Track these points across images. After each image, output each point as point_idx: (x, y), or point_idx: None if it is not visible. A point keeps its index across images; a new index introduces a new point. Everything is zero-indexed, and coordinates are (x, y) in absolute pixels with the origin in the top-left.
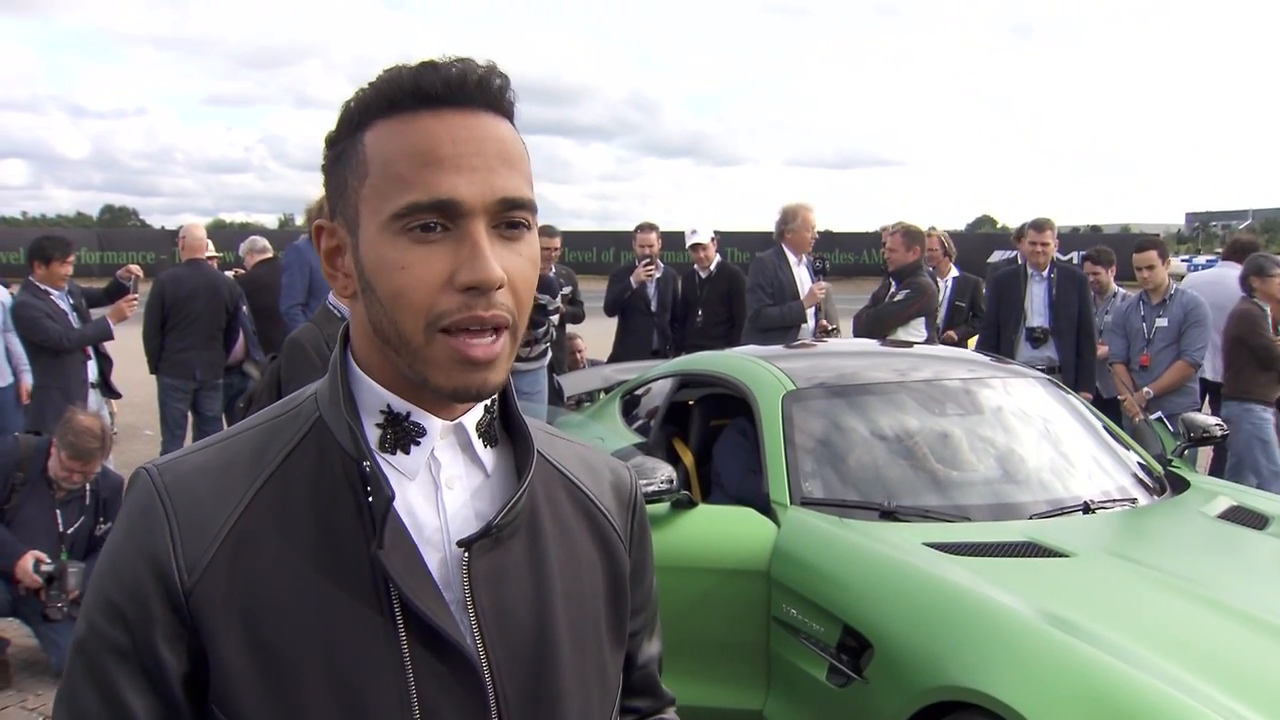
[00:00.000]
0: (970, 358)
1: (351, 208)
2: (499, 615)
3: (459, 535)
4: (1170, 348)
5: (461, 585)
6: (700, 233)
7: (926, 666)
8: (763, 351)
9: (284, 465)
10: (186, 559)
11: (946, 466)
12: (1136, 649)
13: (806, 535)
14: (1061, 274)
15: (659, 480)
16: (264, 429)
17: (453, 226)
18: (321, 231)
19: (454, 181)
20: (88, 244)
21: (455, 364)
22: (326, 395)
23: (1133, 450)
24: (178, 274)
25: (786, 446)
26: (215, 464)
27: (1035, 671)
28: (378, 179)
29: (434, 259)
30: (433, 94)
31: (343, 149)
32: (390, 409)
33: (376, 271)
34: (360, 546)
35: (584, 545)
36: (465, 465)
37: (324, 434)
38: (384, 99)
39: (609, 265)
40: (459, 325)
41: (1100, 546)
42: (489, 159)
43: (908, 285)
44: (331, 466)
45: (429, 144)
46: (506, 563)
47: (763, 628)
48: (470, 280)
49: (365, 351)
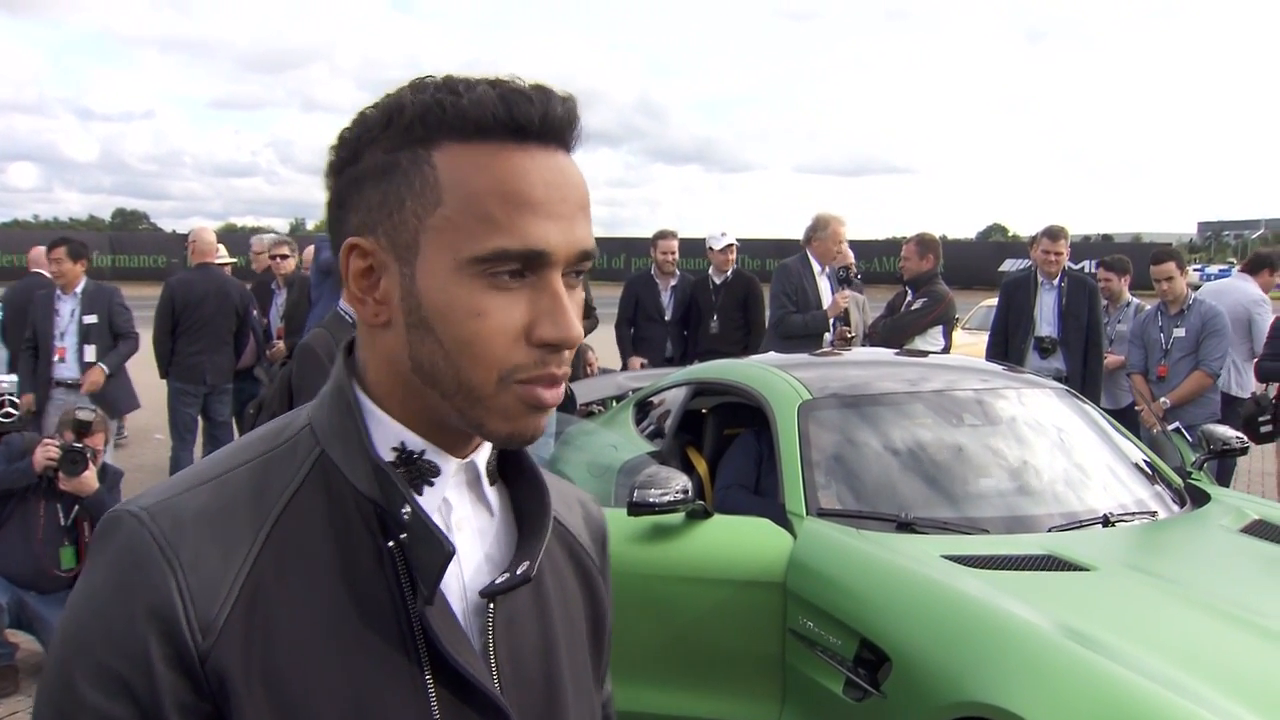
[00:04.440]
0: (987, 368)
1: (408, 233)
2: (514, 664)
3: (472, 579)
4: (1188, 358)
5: (484, 635)
6: (728, 237)
7: (946, 681)
8: (779, 360)
9: (290, 508)
10: (200, 618)
11: (964, 478)
12: (1159, 665)
13: (823, 547)
14: (1072, 283)
15: (674, 490)
16: (259, 464)
17: (531, 274)
18: (355, 249)
19: (545, 229)
20: (100, 248)
21: (523, 409)
22: (330, 428)
23: (1152, 462)
24: (187, 278)
25: (803, 457)
26: (215, 507)
27: (1056, 687)
28: (458, 213)
29: (513, 309)
30: (527, 128)
31: (393, 161)
32: (404, 446)
33: (444, 313)
34: (383, 594)
35: (571, 585)
36: (473, 505)
37: (330, 472)
38: (467, 121)
39: (619, 272)
40: (533, 380)
41: (1120, 560)
42: (573, 207)
43: (925, 294)
44: (344, 509)
45: (523, 186)
46: (516, 609)
47: (778, 640)
48: (554, 337)
49: (385, 385)
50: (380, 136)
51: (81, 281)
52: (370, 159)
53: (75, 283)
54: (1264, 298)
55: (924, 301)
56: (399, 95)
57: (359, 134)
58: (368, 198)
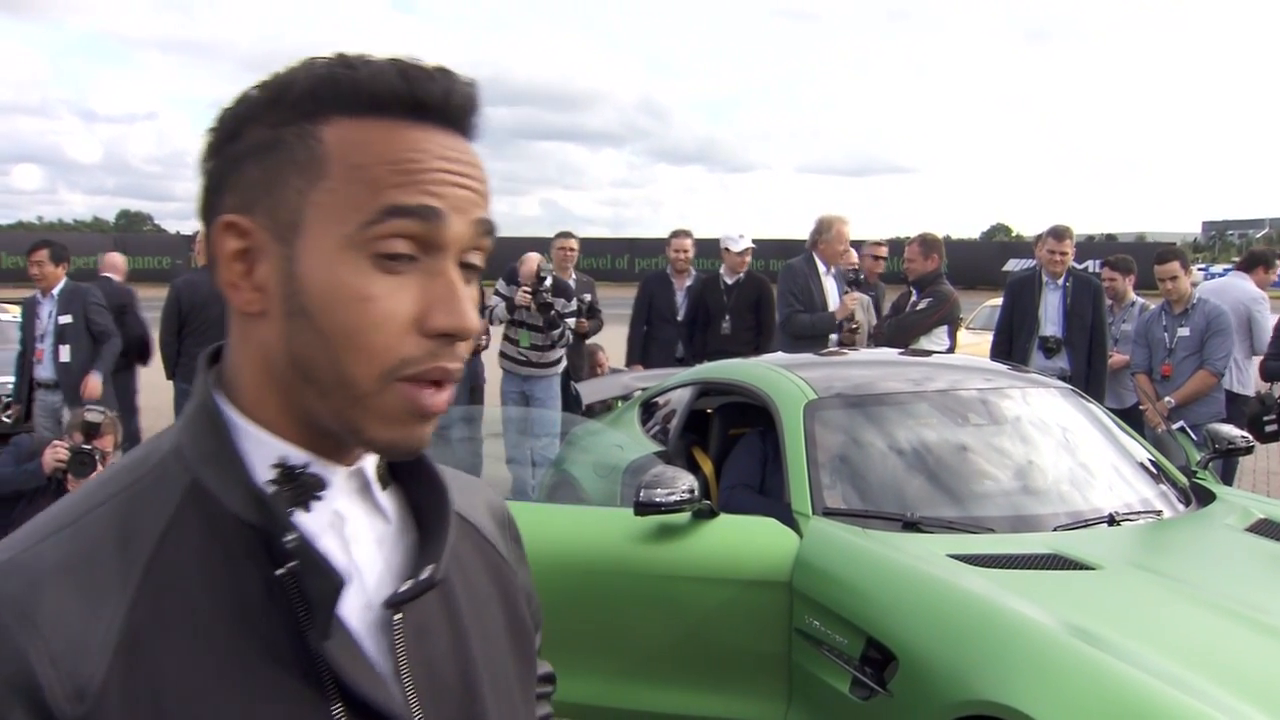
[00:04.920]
0: (992, 367)
1: (289, 210)
2: (429, 678)
3: (375, 592)
4: (1192, 357)
5: (392, 652)
6: (746, 239)
7: (952, 680)
8: (784, 360)
9: (163, 545)
10: (69, 684)
11: (969, 478)
12: (1166, 663)
13: (829, 546)
14: (1077, 282)
15: (680, 490)
16: (119, 502)
17: (422, 258)
18: (230, 228)
19: (440, 197)
20: (105, 248)
21: (405, 416)
22: (197, 451)
23: (1157, 461)
24: (194, 279)
25: (808, 456)
26: (76, 557)
27: (1063, 686)
28: (343, 183)
29: (402, 293)
30: (427, 104)
31: (277, 136)
32: (285, 462)
33: (326, 298)
34: (278, 627)
35: (480, 582)
36: (367, 514)
37: (204, 500)
38: (361, 95)
39: (623, 272)
40: (421, 376)
41: (1126, 559)
42: (474, 184)
43: (929, 294)
44: (223, 538)
45: (417, 155)
46: (426, 618)
47: (784, 639)
48: (449, 326)
49: (259, 388)
50: (264, 113)
51: (60, 283)
52: (252, 136)
53: (54, 285)
54: (1262, 295)
55: (929, 301)
56: (289, 71)
57: (240, 111)
58: (247, 176)
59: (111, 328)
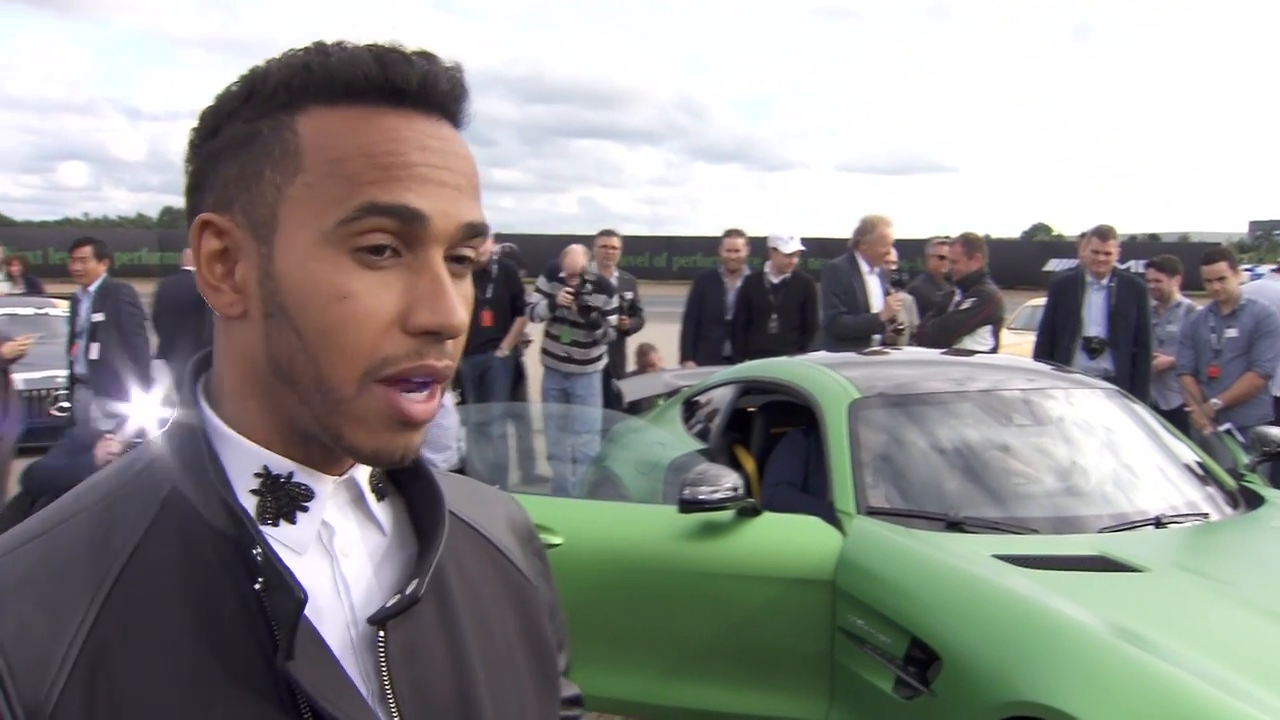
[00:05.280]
0: (1036, 368)
1: (265, 206)
2: (418, 698)
3: (364, 610)
4: (1240, 359)
5: (378, 672)
6: (796, 241)
7: (997, 681)
8: (828, 359)
9: (136, 556)
10: (25, 700)
11: (1013, 478)
12: (1213, 666)
13: (873, 545)
14: (1121, 283)
15: (725, 488)
16: (97, 510)
17: (406, 252)
18: (208, 227)
19: (420, 193)
20: (149, 245)
21: (386, 422)
22: (177, 460)
23: (1204, 464)
24: None
25: (852, 455)
26: (44, 569)
27: (1111, 687)
28: (319, 177)
29: (385, 291)
30: (405, 90)
31: (253, 130)
32: (268, 471)
33: (303, 296)
34: (251, 645)
35: (491, 596)
36: (359, 526)
37: (182, 509)
38: (335, 82)
39: (661, 270)
40: (402, 375)
41: (1173, 562)
42: (458, 177)
43: (973, 293)
44: (200, 550)
45: (396, 146)
46: (418, 635)
47: (827, 638)
48: (433, 323)
49: (237, 395)
50: (241, 107)
51: (98, 280)
52: (230, 131)
53: (94, 281)
54: None
55: (973, 301)
56: (267, 62)
57: (219, 107)
58: (224, 173)
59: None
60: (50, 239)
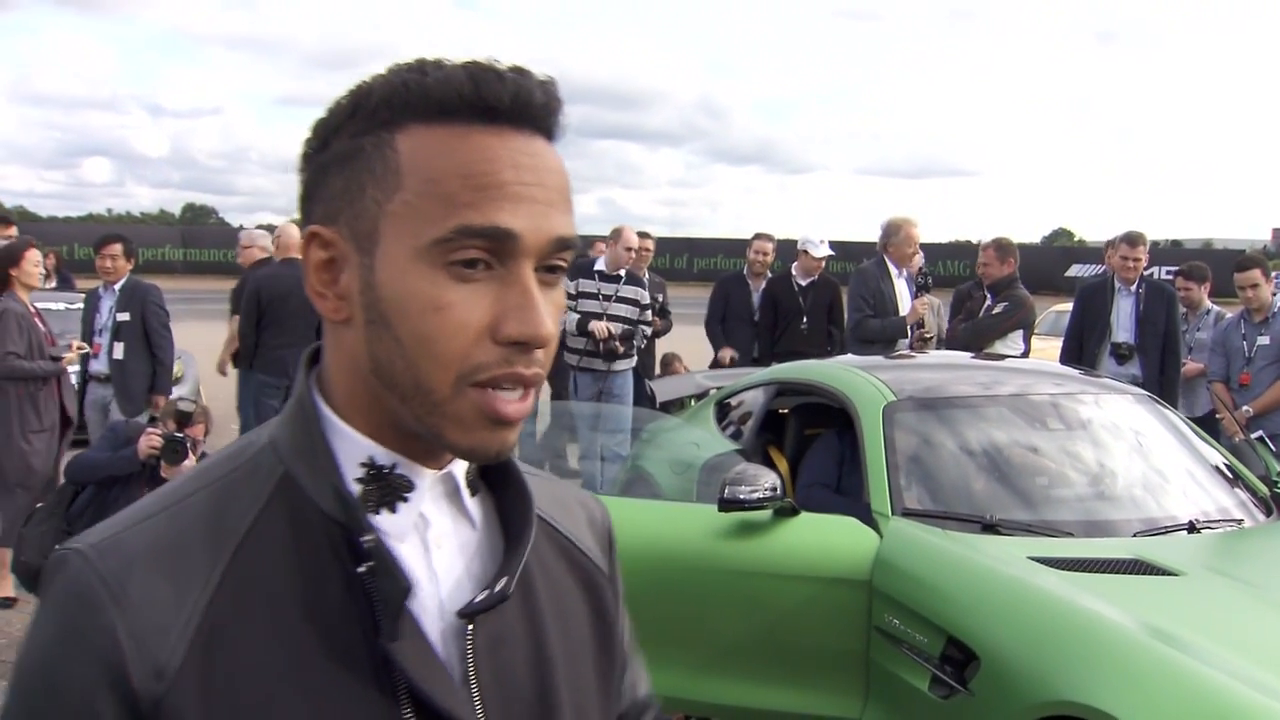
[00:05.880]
0: (1068, 373)
1: (367, 220)
2: (500, 687)
3: (453, 600)
4: (1271, 366)
5: (462, 659)
6: (826, 245)
7: (1035, 680)
8: (862, 362)
9: (250, 536)
10: (150, 663)
11: (1048, 481)
12: (1250, 667)
13: (910, 546)
14: (1150, 290)
15: (764, 488)
16: (215, 490)
17: (498, 265)
18: (315, 238)
19: (513, 212)
20: (171, 241)
21: (482, 421)
22: (291, 445)
23: (1237, 470)
24: (273, 272)
25: (888, 457)
26: (167, 540)
27: (1147, 687)
28: (417, 196)
29: (476, 301)
30: (497, 108)
31: (356, 146)
32: (373, 462)
33: (401, 306)
34: (353, 626)
35: (570, 593)
36: (453, 519)
37: (294, 493)
38: (432, 100)
39: (681, 271)
40: (494, 381)
41: (1208, 566)
42: (549, 192)
43: (1005, 298)
44: (309, 533)
45: (489, 166)
46: (503, 627)
47: (862, 637)
48: (521, 334)
49: (346, 391)
50: (347, 122)
51: (123, 279)
52: (337, 146)
53: (120, 279)
54: None
55: (1005, 306)
56: (371, 78)
57: (328, 120)
58: (331, 186)
59: (168, 329)
60: (74, 235)
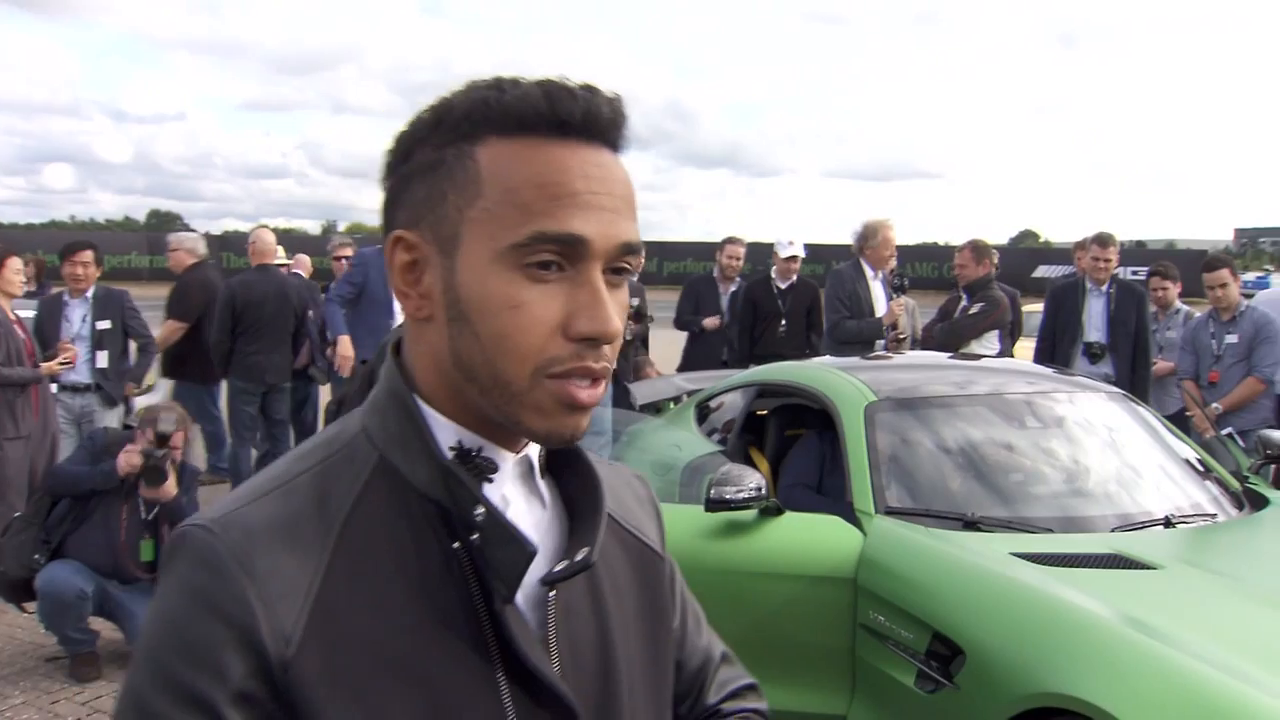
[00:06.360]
0: (1046, 373)
1: (449, 225)
2: (573, 651)
3: (532, 572)
4: (1240, 364)
5: (542, 626)
6: (797, 245)
7: (1019, 672)
8: (842, 363)
9: (354, 515)
10: (279, 628)
11: (1027, 479)
12: (1227, 656)
13: (894, 543)
14: (1121, 290)
15: (749, 488)
16: (317, 472)
17: (569, 268)
18: (400, 242)
19: (584, 219)
20: (137, 248)
21: (558, 407)
22: (384, 432)
23: (1209, 465)
24: (248, 279)
25: (870, 456)
26: (282, 517)
27: (1130, 678)
28: (496, 204)
29: (549, 301)
30: (569, 122)
31: (439, 157)
32: (461, 445)
33: (481, 305)
34: (453, 597)
35: (622, 572)
36: (527, 500)
37: (391, 476)
38: (510, 116)
39: (651, 275)
40: (567, 373)
41: (1184, 559)
42: (616, 200)
43: (981, 299)
44: (408, 512)
45: (561, 176)
46: (572, 598)
47: (848, 633)
48: (590, 331)
49: (433, 383)
50: (430, 135)
51: (92, 286)
52: (420, 156)
53: (89, 287)
54: None
55: (981, 306)
56: (451, 95)
57: (411, 133)
58: (415, 193)
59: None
60: (37, 242)
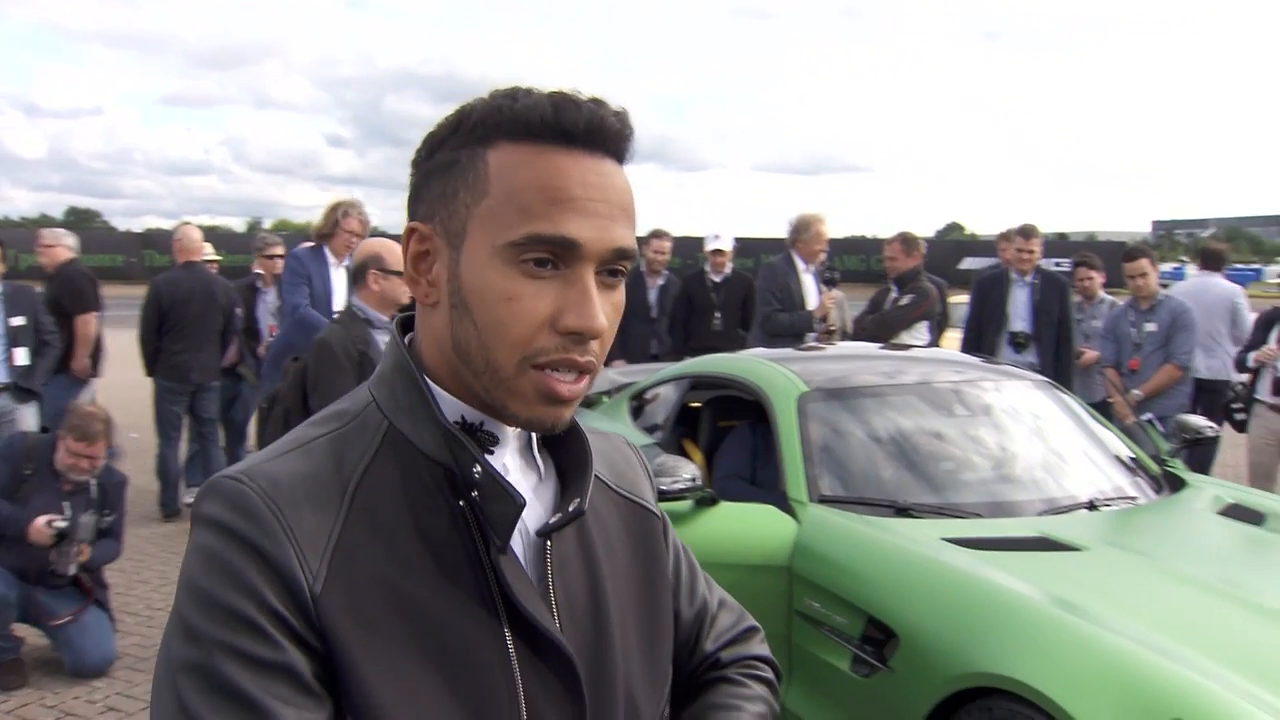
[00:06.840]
0: (976, 362)
1: (458, 220)
2: (568, 602)
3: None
4: (1159, 352)
5: (544, 575)
6: (723, 239)
7: (952, 654)
8: (775, 354)
9: (367, 476)
10: (310, 565)
11: (956, 465)
12: (1152, 634)
13: (827, 531)
14: (1044, 280)
15: (683, 478)
16: (333, 437)
17: (564, 267)
18: (414, 233)
19: (579, 224)
20: None
21: (539, 397)
22: (392, 402)
23: (1130, 450)
24: (174, 276)
25: (803, 446)
26: (305, 471)
27: (1058, 654)
28: (499, 203)
29: (542, 296)
30: (573, 132)
31: (455, 157)
32: (464, 419)
33: (479, 295)
34: (459, 550)
35: (612, 521)
36: (523, 469)
37: (401, 442)
38: (519, 123)
39: None
40: (551, 364)
41: (1108, 541)
42: (612, 208)
43: (911, 290)
44: (416, 474)
45: (561, 182)
46: (566, 551)
47: (784, 621)
48: (577, 326)
49: (436, 362)
50: (450, 137)
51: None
52: (440, 156)
53: None
54: (1240, 289)
55: (911, 298)
56: (473, 102)
57: (435, 135)
58: (432, 189)
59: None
60: None
